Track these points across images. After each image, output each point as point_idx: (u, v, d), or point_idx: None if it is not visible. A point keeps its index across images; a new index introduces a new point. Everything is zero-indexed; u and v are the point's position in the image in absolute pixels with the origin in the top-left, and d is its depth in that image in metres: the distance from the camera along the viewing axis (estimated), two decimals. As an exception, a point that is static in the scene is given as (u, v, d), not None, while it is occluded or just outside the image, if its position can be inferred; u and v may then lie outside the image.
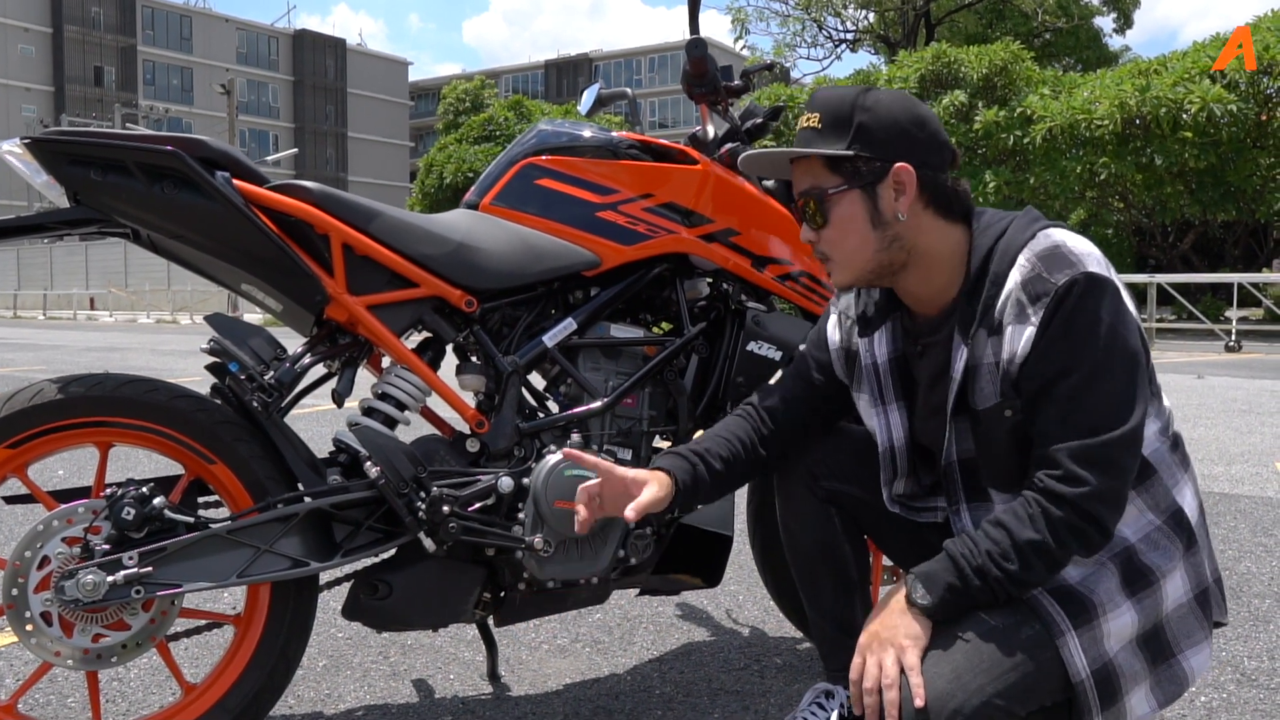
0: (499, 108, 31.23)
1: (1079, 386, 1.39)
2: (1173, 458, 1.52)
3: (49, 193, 1.78)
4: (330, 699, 2.22)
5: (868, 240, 1.51)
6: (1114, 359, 1.39)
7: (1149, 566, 1.46)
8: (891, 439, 1.68)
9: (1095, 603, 1.42)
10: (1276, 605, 2.90)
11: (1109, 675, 1.41)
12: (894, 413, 1.68)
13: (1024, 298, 1.42)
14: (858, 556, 1.83)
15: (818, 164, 1.52)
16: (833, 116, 1.50)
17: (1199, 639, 1.50)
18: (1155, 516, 1.49)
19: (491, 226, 2.02)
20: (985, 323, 1.47)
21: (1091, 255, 1.42)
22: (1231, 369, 11.05)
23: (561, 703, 2.20)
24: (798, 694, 2.23)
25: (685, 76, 2.26)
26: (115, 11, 59.64)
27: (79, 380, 1.76)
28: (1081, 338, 1.38)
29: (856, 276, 1.56)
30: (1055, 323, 1.39)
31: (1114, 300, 1.40)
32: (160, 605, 1.77)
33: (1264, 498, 4.33)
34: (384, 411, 1.95)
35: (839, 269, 1.56)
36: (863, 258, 1.53)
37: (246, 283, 1.91)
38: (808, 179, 1.54)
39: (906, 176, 1.48)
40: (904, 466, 1.69)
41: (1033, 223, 1.49)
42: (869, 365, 1.69)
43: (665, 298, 2.18)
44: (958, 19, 33.46)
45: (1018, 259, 1.45)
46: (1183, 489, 1.52)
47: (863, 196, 1.50)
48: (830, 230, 1.53)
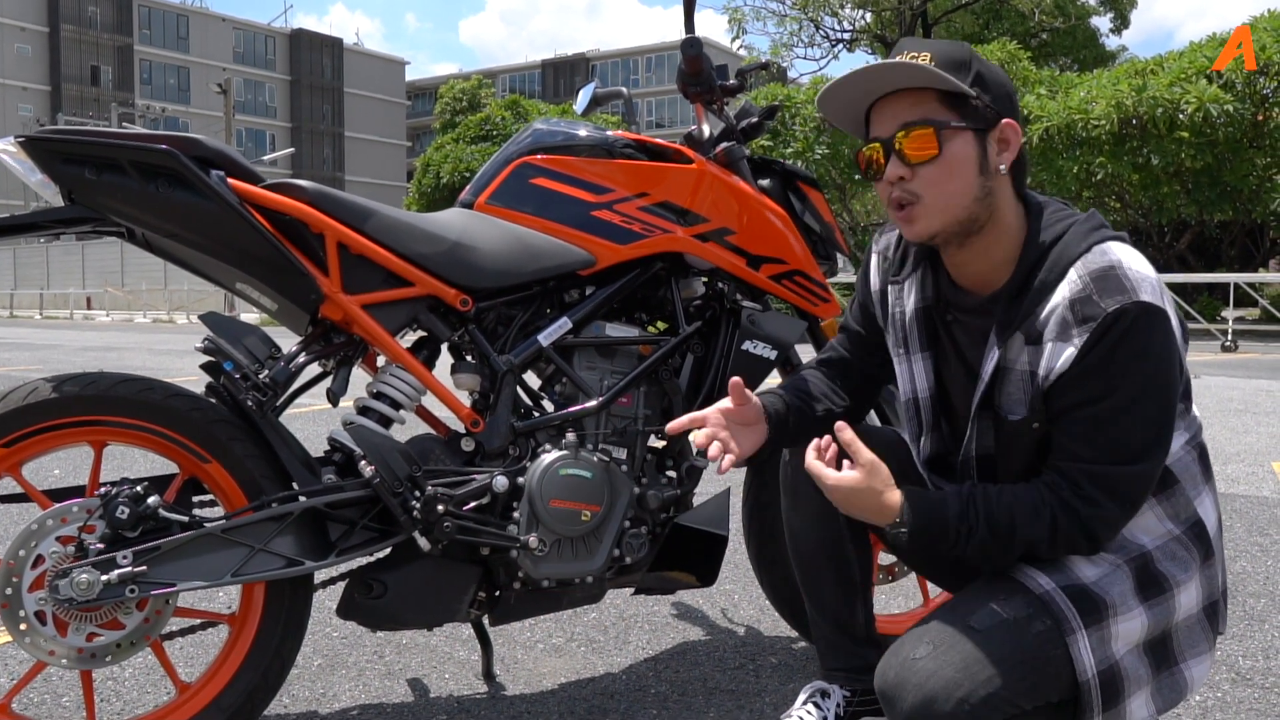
0: (496, 107, 31.20)
1: (1111, 414, 1.37)
2: (1197, 468, 1.51)
3: (44, 191, 1.78)
4: (325, 698, 2.22)
5: (971, 185, 1.45)
6: (1150, 394, 1.37)
7: (1164, 575, 1.46)
8: (915, 390, 1.66)
9: (1108, 604, 1.42)
10: (1271, 605, 2.90)
11: (1114, 677, 1.41)
12: (918, 363, 1.65)
13: (1070, 316, 1.38)
14: (861, 558, 1.83)
15: (931, 97, 1.44)
16: (948, 59, 1.43)
17: (1202, 650, 1.50)
18: (1175, 526, 1.49)
19: (487, 226, 2.02)
20: (1025, 329, 1.44)
21: (1146, 280, 1.37)
22: (1228, 369, 11.06)
23: (556, 702, 2.20)
24: (793, 693, 2.23)
25: (680, 76, 2.26)
26: (112, 11, 59.58)
27: (73, 379, 1.76)
28: (1122, 368, 1.36)
29: (945, 224, 1.47)
30: (1098, 349, 1.36)
31: (1162, 332, 1.37)
32: (154, 604, 1.77)
33: (1260, 497, 4.34)
34: (379, 410, 1.95)
35: (929, 213, 1.46)
36: (961, 203, 1.45)
37: (241, 282, 1.91)
38: (915, 110, 1.45)
39: (1013, 134, 1.45)
40: (929, 420, 1.67)
41: (1092, 231, 1.44)
42: (896, 313, 1.67)
43: (660, 297, 2.18)
44: (954, 19, 33.47)
45: (1069, 272, 1.40)
46: (1204, 500, 1.51)
47: (976, 140, 1.44)
48: (936, 168, 1.44)
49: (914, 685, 1.35)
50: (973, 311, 1.55)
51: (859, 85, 1.49)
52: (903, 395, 1.68)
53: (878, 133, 1.50)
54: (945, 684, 1.34)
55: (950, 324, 1.60)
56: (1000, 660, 1.36)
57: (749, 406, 1.67)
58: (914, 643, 1.40)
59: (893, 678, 1.39)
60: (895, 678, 1.38)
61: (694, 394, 2.14)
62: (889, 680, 1.39)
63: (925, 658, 1.37)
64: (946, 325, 1.61)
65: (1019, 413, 1.47)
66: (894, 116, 1.47)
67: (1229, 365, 11.66)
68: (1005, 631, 1.38)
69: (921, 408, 1.67)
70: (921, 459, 1.71)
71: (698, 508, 2.12)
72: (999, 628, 1.39)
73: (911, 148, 1.45)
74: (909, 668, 1.37)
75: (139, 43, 61.07)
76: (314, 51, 68.53)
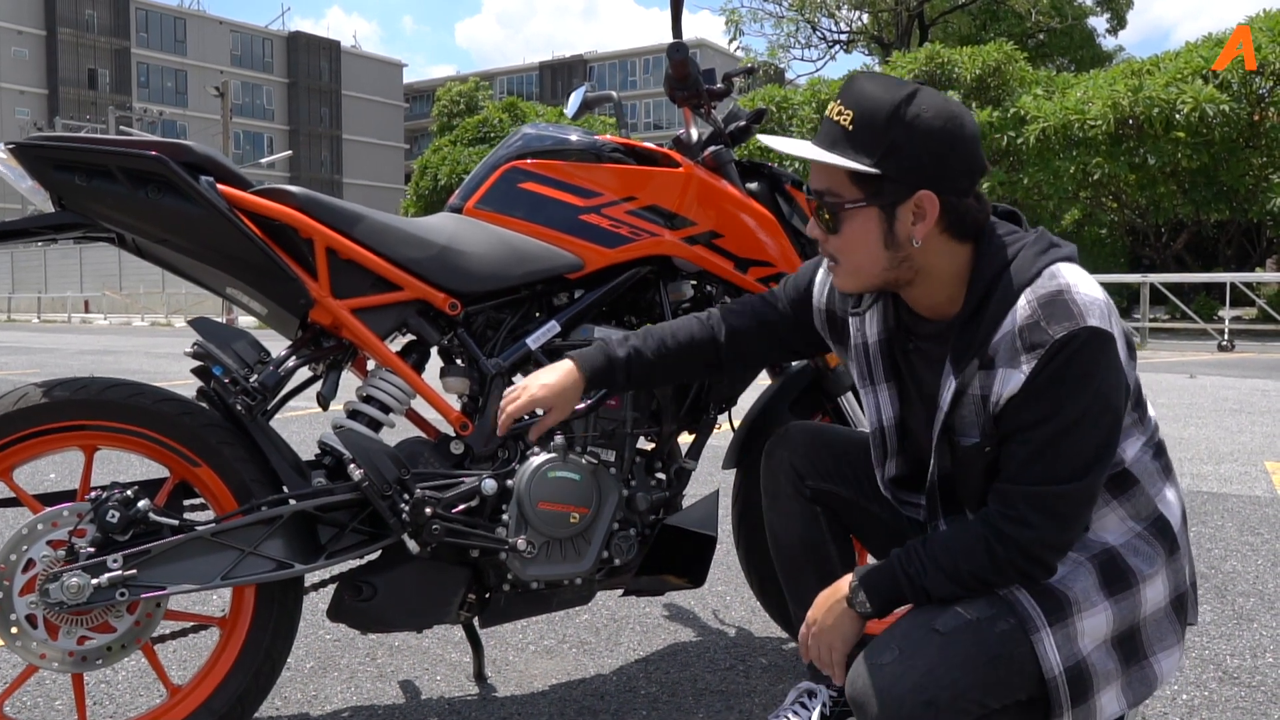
0: (493, 109, 31.24)
1: (1053, 437, 1.39)
2: (1155, 465, 1.53)
3: (34, 198, 1.79)
4: (317, 700, 2.23)
5: (877, 258, 1.47)
6: (1092, 416, 1.38)
7: (1130, 569, 1.47)
8: (881, 419, 1.68)
9: (1071, 600, 1.44)
10: (1260, 604, 2.91)
11: (1081, 673, 1.42)
12: (883, 393, 1.67)
13: (1020, 344, 1.40)
14: (843, 556, 1.84)
15: (840, 169, 1.45)
16: (866, 122, 1.41)
17: (1171, 642, 1.51)
18: (1137, 524, 1.50)
19: (475, 230, 2.03)
20: (978, 354, 1.45)
21: (1095, 304, 1.38)
22: (1224, 368, 11.08)
23: (547, 703, 2.22)
24: (782, 693, 2.24)
25: (668, 80, 2.27)
26: (109, 14, 59.56)
27: (64, 384, 1.77)
28: (1068, 391, 1.37)
29: (861, 287, 1.54)
30: (1045, 374, 1.37)
31: (1108, 356, 1.38)
32: (145, 607, 1.78)
33: (1252, 496, 4.35)
34: (368, 414, 1.96)
35: (844, 276, 1.52)
36: (870, 273, 1.49)
37: (231, 286, 1.92)
38: (825, 179, 1.47)
39: (929, 205, 1.42)
40: (893, 445, 1.69)
41: (1040, 255, 1.44)
42: (859, 345, 1.68)
43: (649, 300, 2.19)
44: (951, 20, 33.49)
45: (1019, 299, 1.41)
46: (1165, 496, 1.53)
47: (880, 215, 1.44)
48: (840, 240, 1.49)
49: (882, 689, 1.37)
50: (931, 338, 1.57)
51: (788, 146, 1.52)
52: (869, 424, 1.70)
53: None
54: (912, 687, 1.36)
55: (910, 353, 1.62)
56: (966, 661, 1.38)
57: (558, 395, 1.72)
58: (880, 648, 1.42)
59: (861, 684, 1.40)
60: (864, 684, 1.40)
61: (682, 396, 2.16)
62: (858, 687, 1.41)
63: (892, 662, 1.39)
64: (906, 354, 1.63)
65: (972, 437, 1.48)
66: (814, 179, 1.50)
67: (1225, 365, 11.68)
68: (970, 633, 1.40)
69: (887, 435, 1.69)
70: (886, 479, 1.73)
71: (687, 509, 2.13)
72: (963, 629, 1.40)
73: (819, 217, 1.50)
74: (876, 673, 1.39)
75: (136, 46, 61.05)
76: (311, 54, 68.52)
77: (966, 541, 1.44)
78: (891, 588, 1.48)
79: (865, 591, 1.49)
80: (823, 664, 1.54)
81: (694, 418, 2.19)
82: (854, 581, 1.50)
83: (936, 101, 1.42)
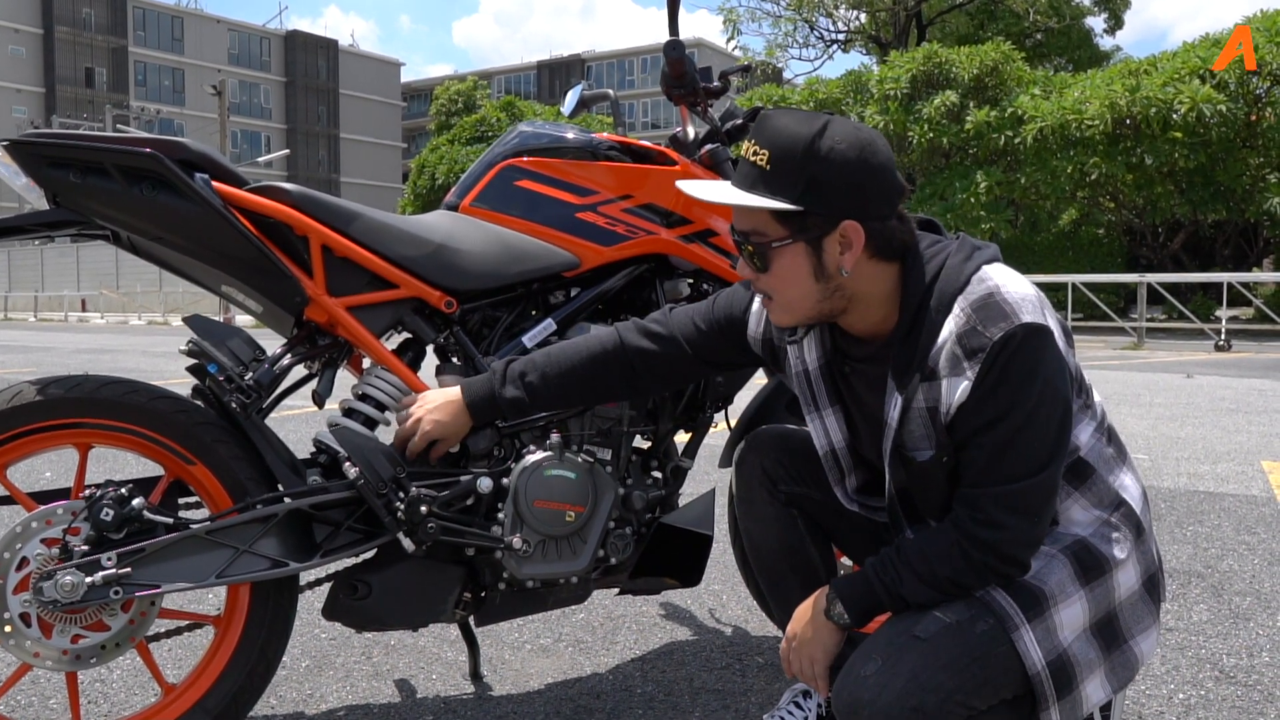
0: (491, 109, 31.23)
1: (1007, 436, 1.40)
2: (1109, 451, 1.54)
3: (29, 195, 1.79)
4: (313, 699, 2.22)
5: (809, 291, 1.48)
6: (1042, 409, 1.40)
7: (1103, 556, 1.48)
8: (831, 443, 1.68)
9: (1047, 594, 1.44)
10: (1256, 603, 2.92)
11: (1064, 665, 1.43)
12: (829, 417, 1.67)
13: (959, 351, 1.40)
14: (824, 558, 1.83)
15: (762, 210, 1.45)
16: (783, 160, 1.41)
17: (1148, 623, 1.53)
18: (1102, 511, 1.51)
19: (471, 228, 2.03)
20: (919, 368, 1.46)
21: (1026, 300, 1.40)
22: (1221, 368, 11.09)
23: (543, 702, 2.21)
24: (778, 693, 2.24)
25: (664, 78, 2.27)
26: (106, 12, 59.50)
27: (58, 382, 1.77)
28: (1015, 388, 1.39)
29: (797, 320, 1.54)
30: (990, 375, 1.38)
31: (1049, 349, 1.40)
32: (139, 606, 1.77)
33: (1248, 496, 4.36)
34: (364, 412, 1.96)
35: (779, 311, 1.53)
36: (804, 307, 1.50)
37: (226, 284, 1.92)
38: (749, 221, 1.47)
39: (854, 234, 1.42)
40: (848, 464, 1.69)
41: (965, 261, 1.45)
42: (800, 372, 1.67)
43: (646, 298, 2.19)
44: (949, 19, 33.50)
45: (953, 308, 1.43)
46: (1122, 479, 1.54)
47: (808, 250, 1.45)
48: (771, 278, 1.49)
49: (867, 701, 1.37)
50: (868, 360, 1.57)
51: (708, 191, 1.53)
52: (820, 449, 1.69)
53: None
54: (898, 695, 1.35)
55: (848, 375, 1.62)
56: (948, 665, 1.38)
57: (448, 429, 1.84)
58: (863, 660, 1.41)
59: (846, 697, 1.40)
60: (849, 696, 1.40)
61: (678, 394, 2.15)
62: (843, 700, 1.41)
63: (875, 673, 1.38)
64: (845, 377, 1.63)
65: (925, 450, 1.48)
66: (737, 222, 1.50)
67: (1223, 364, 11.69)
68: (950, 636, 1.40)
69: (840, 457, 1.69)
70: (850, 492, 1.72)
71: (683, 508, 2.13)
72: (943, 633, 1.40)
73: (746, 257, 1.50)
74: (860, 685, 1.38)
75: (133, 44, 61.00)
76: (309, 53, 68.47)
77: (939, 548, 1.44)
78: (868, 597, 1.48)
79: (842, 603, 1.49)
80: (805, 678, 1.54)
81: (690, 416, 2.19)
82: (830, 594, 1.51)
83: (848, 131, 1.42)
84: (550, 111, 28.14)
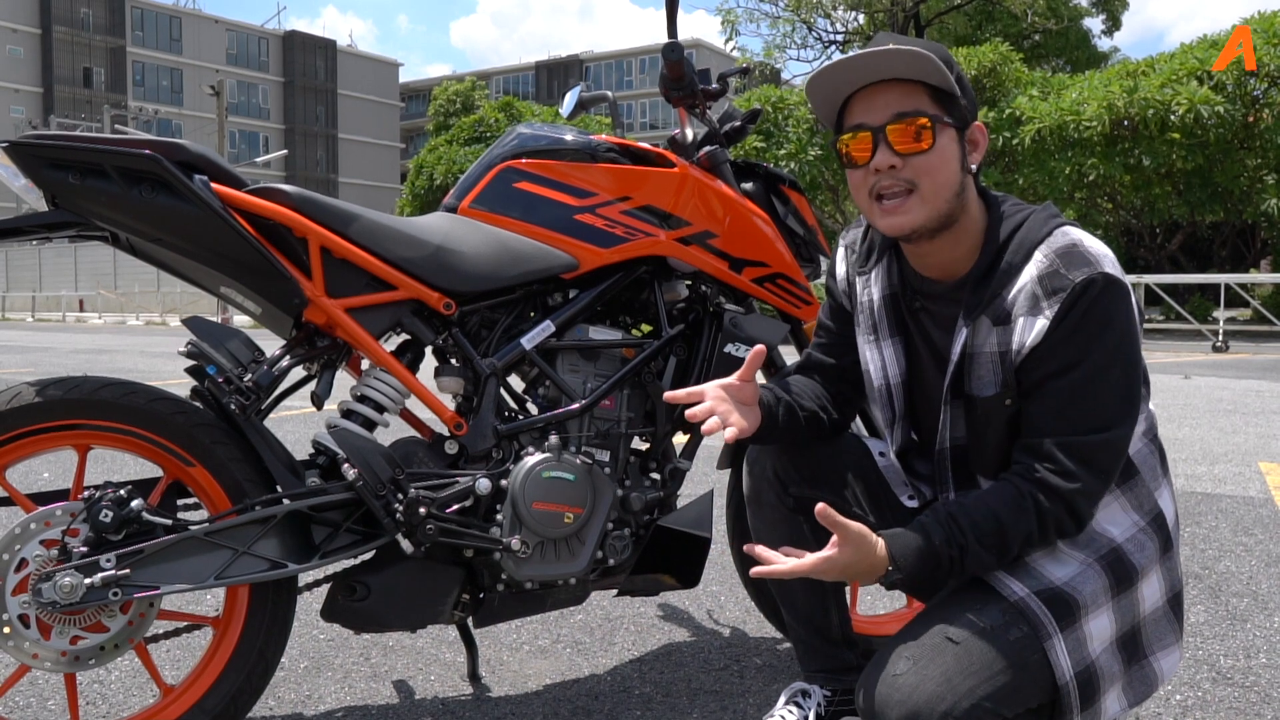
0: (489, 109, 31.18)
1: (1082, 383, 1.40)
2: (1155, 460, 1.54)
3: (27, 196, 1.79)
4: (311, 700, 2.22)
5: (955, 179, 1.49)
6: (1119, 361, 1.40)
7: (1133, 566, 1.48)
8: (886, 376, 1.67)
9: (1080, 604, 1.43)
10: (1254, 604, 2.92)
11: (1091, 677, 1.42)
12: (888, 348, 1.67)
13: (1039, 291, 1.42)
14: None
15: (921, 90, 1.46)
16: (938, 55, 1.45)
17: (1170, 642, 1.52)
18: (1140, 517, 1.51)
19: (470, 229, 2.03)
20: (992, 311, 1.47)
21: (1107, 257, 1.43)
22: (1218, 369, 11.10)
23: (541, 703, 2.21)
24: (777, 694, 2.24)
25: (663, 80, 2.27)
26: (104, 12, 59.48)
27: (57, 383, 1.77)
28: (1093, 335, 1.39)
29: (929, 216, 1.48)
30: (1070, 318, 1.40)
31: (1126, 304, 1.42)
32: (138, 607, 1.77)
33: (1246, 497, 4.36)
34: (363, 414, 1.96)
35: (921, 202, 1.47)
36: (946, 196, 1.48)
37: (225, 286, 1.92)
38: (907, 101, 1.46)
39: (981, 137, 1.52)
40: (901, 407, 1.68)
41: (1051, 219, 1.50)
42: (865, 301, 1.69)
43: (644, 300, 2.19)
44: (947, 20, 33.51)
45: (1034, 254, 1.45)
46: (1162, 492, 1.54)
47: (958, 137, 1.49)
48: (931, 157, 1.46)
49: (897, 702, 1.36)
50: (938, 299, 1.58)
51: (858, 69, 1.48)
52: (875, 381, 1.69)
53: (864, 120, 1.49)
54: (929, 698, 1.35)
55: (917, 311, 1.63)
56: (980, 670, 1.37)
57: (749, 386, 1.63)
58: (894, 659, 1.40)
59: (876, 695, 1.39)
60: (879, 695, 1.38)
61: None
62: (872, 698, 1.39)
63: (906, 673, 1.38)
64: (914, 313, 1.63)
65: (989, 388, 1.49)
66: (885, 106, 1.47)
67: (1220, 365, 11.70)
68: (983, 641, 1.39)
69: (894, 394, 1.68)
70: (894, 449, 1.71)
71: (681, 510, 2.13)
72: (977, 638, 1.39)
73: (907, 137, 1.46)
74: (891, 685, 1.38)
75: (131, 44, 60.98)
76: (307, 53, 68.46)
77: (1010, 504, 1.41)
78: (933, 568, 1.41)
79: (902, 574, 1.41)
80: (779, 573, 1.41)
81: (688, 418, 2.19)
82: (890, 567, 1.41)
83: None
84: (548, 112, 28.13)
